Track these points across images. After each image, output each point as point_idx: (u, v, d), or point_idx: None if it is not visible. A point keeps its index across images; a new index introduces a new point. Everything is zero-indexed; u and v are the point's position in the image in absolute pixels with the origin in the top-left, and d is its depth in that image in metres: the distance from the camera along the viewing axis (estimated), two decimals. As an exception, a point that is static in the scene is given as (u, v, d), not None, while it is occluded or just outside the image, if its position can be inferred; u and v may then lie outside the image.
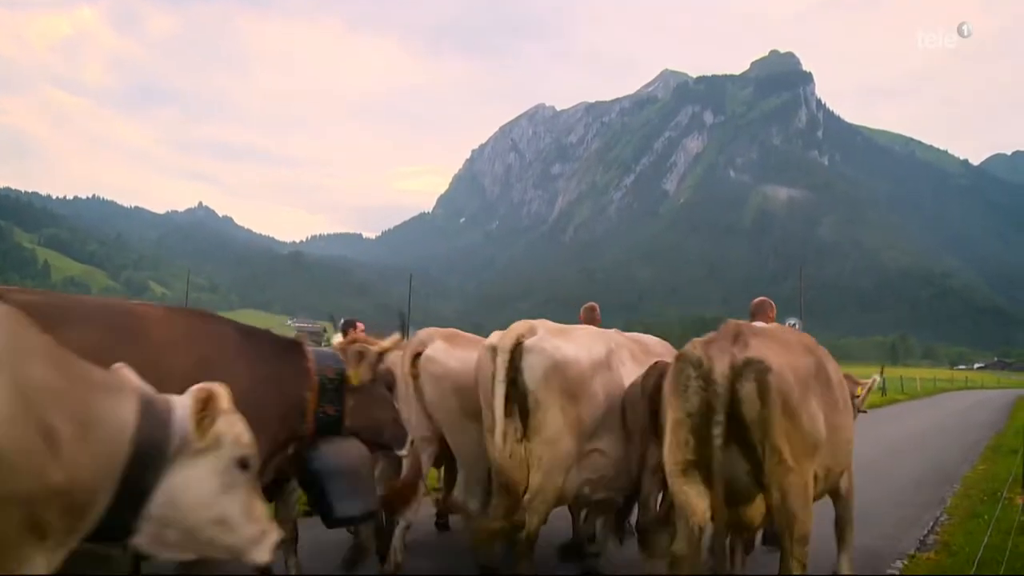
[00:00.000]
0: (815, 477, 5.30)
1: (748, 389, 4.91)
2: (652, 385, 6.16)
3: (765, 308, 9.37)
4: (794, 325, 37.09)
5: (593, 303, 10.64)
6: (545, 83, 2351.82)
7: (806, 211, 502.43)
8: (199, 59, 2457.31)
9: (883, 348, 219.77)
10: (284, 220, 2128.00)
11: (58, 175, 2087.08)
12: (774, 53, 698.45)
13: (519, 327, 6.40)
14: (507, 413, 6.00)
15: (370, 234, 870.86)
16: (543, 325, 6.55)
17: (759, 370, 4.94)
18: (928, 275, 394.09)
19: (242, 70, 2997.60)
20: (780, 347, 5.29)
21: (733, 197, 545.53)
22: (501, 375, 5.90)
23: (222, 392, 2.99)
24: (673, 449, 5.10)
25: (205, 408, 2.90)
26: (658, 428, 5.76)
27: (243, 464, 3.03)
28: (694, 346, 5.20)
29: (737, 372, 4.95)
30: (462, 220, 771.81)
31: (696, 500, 4.99)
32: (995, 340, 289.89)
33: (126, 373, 2.96)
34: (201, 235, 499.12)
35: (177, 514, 2.86)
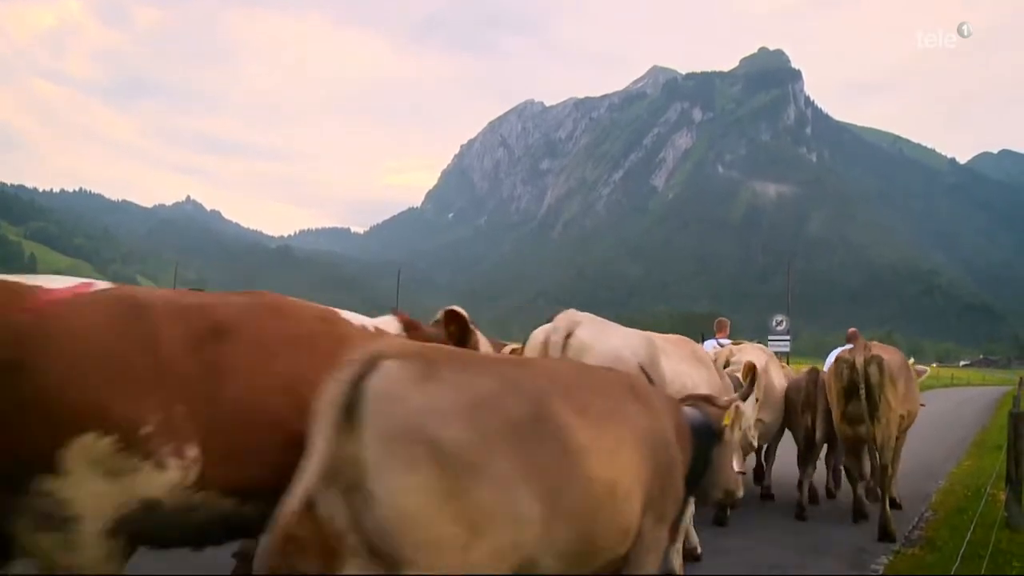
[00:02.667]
0: (900, 416, 9.75)
1: (873, 370, 9.27)
2: (811, 382, 10.81)
3: (723, 326, 13.05)
4: (782, 322, 37.36)
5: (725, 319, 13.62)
6: (534, 79, 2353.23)
7: (795, 207, 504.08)
8: (186, 51, 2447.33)
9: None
10: (272, 214, 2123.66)
11: (44, 168, 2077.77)
12: (763, 50, 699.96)
13: (565, 321, 6.63)
14: None
15: (359, 229, 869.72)
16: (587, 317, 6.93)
17: (878, 361, 9.32)
18: (915, 272, 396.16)
19: (230, 63, 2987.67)
20: (885, 350, 9.75)
21: (722, 193, 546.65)
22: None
23: None
24: (836, 405, 9.86)
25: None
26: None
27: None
28: (845, 352, 9.85)
29: (867, 362, 9.31)
30: (451, 215, 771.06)
31: (848, 428, 9.76)
32: (981, 337, 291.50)
33: None
34: (189, 229, 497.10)
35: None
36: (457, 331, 4.98)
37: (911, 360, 10.83)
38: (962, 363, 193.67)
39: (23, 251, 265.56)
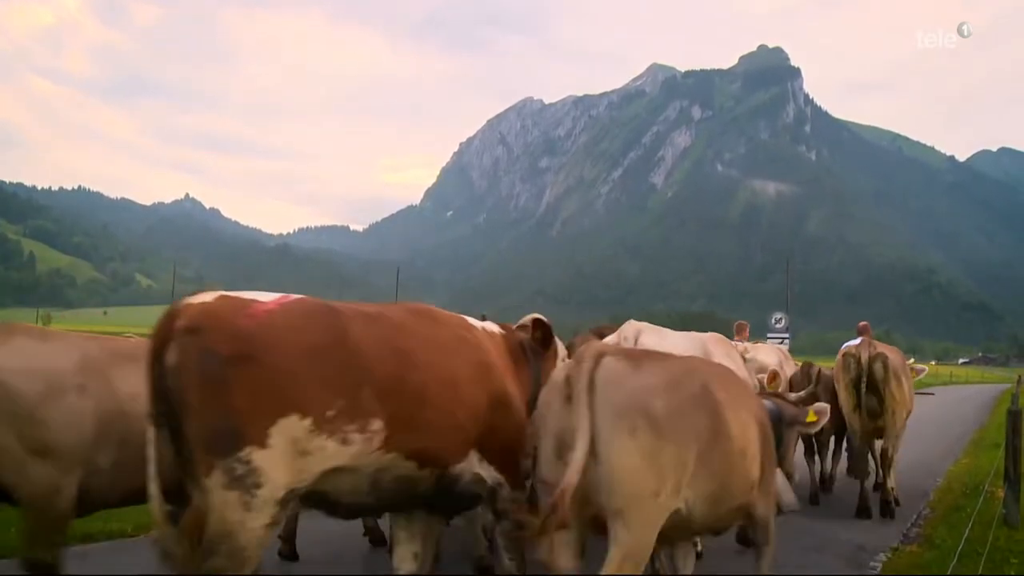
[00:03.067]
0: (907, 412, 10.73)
1: (878, 366, 10.10)
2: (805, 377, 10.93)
3: (742, 329, 13.28)
4: (780, 320, 37.37)
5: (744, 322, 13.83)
6: (533, 77, 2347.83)
7: (793, 206, 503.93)
8: (185, 50, 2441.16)
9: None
10: (271, 212, 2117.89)
11: (43, 166, 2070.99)
12: (762, 48, 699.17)
13: (632, 330, 7.82)
14: None
15: (357, 227, 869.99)
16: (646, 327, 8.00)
17: (883, 358, 10.16)
18: (913, 270, 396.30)
19: (228, 61, 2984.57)
20: (889, 349, 10.68)
21: (721, 191, 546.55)
22: None
23: None
24: (845, 398, 10.40)
25: None
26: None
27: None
28: (851, 348, 10.52)
29: (872, 358, 10.13)
30: (449, 213, 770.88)
31: (856, 419, 10.40)
32: (979, 336, 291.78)
33: None
34: (188, 227, 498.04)
35: None
36: (541, 336, 5.84)
37: (910, 359, 11.93)
38: (961, 361, 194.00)
39: (22, 249, 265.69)
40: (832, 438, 12.13)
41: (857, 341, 10.87)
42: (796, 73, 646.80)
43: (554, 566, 4.55)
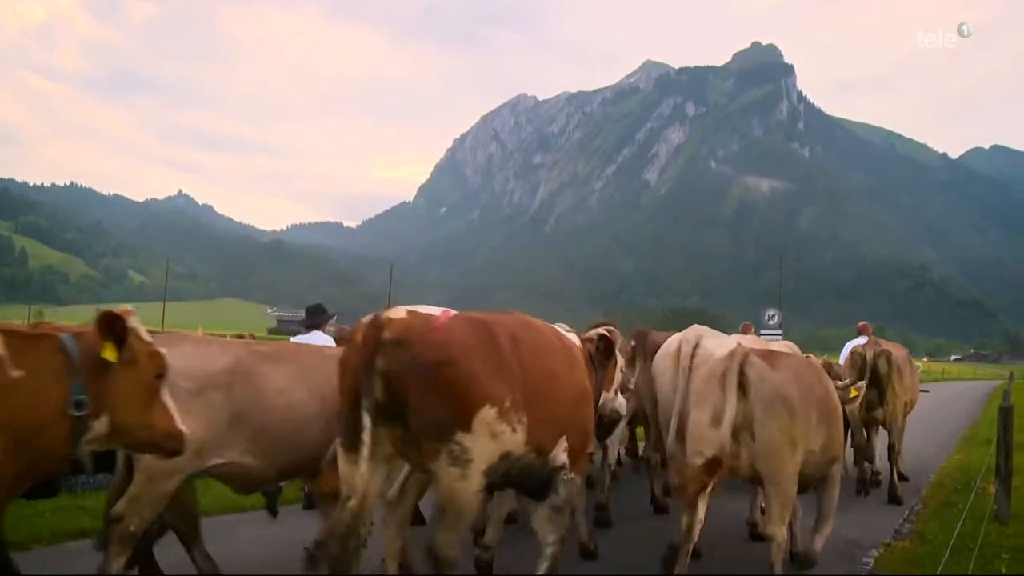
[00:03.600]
0: (905, 403, 11.94)
1: (882, 362, 11.21)
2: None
3: (748, 328, 14.00)
4: (773, 316, 37.42)
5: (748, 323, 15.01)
6: (527, 73, 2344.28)
7: (786, 203, 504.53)
8: (178, 46, 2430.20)
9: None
10: (264, 209, 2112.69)
11: (34, 162, 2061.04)
12: (756, 45, 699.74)
13: (693, 334, 8.02)
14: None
15: (351, 223, 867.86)
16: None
17: (887, 355, 11.30)
18: (906, 267, 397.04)
19: (221, 58, 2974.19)
20: (892, 346, 12.05)
21: (714, 188, 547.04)
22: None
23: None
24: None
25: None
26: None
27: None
28: (859, 347, 11.56)
29: (876, 355, 11.22)
30: (443, 210, 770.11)
31: (864, 413, 11.47)
32: (971, 332, 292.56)
33: None
34: (181, 223, 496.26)
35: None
36: (605, 348, 6.91)
37: (926, 358, 12.99)
38: (953, 358, 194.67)
39: (14, 245, 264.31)
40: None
41: (863, 340, 12.46)
42: (789, 70, 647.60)
43: (694, 513, 6.51)
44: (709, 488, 6.45)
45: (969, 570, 6.61)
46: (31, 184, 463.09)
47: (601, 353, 6.80)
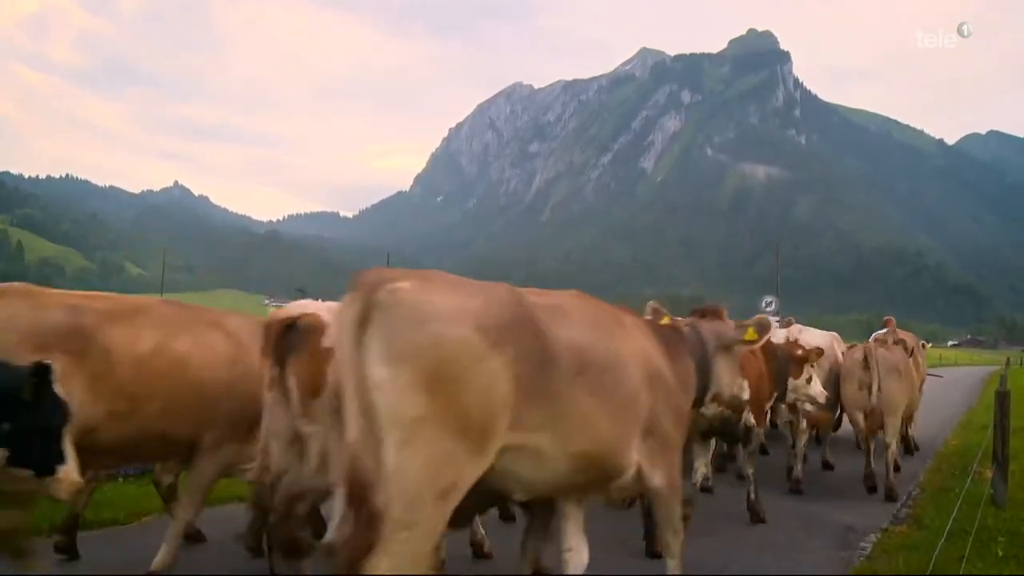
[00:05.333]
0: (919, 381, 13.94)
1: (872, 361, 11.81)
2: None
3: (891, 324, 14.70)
4: (771, 304, 37.51)
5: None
6: (522, 61, 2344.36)
7: (783, 190, 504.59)
8: (171, 37, 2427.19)
9: (858, 326, 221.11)
10: (260, 199, 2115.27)
11: (30, 155, 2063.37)
12: (752, 32, 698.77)
13: (795, 329, 12.68)
14: None
15: (347, 213, 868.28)
16: None
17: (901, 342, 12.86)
18: (902, 254, 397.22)
19: (216, 49, 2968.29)
20: (906, 335, 13.69)
21: (710, 176, 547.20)
22: None
23: None
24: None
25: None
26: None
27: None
28: (865, 344, 12.00)
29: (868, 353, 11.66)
30: (439, 199, 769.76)
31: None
32: (967, 318, 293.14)
33: None
34: (177, 215, 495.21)
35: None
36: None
37: (929, 344, 14.47)
38: (950, 344, 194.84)
39: (10, 238, 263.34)
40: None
41: (884, 331, 14.18)
42: (786, 57, 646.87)
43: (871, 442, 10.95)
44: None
45: (965, 554, 6.62)
46: (26, 176, 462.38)
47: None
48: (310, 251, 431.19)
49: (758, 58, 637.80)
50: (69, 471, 4.34)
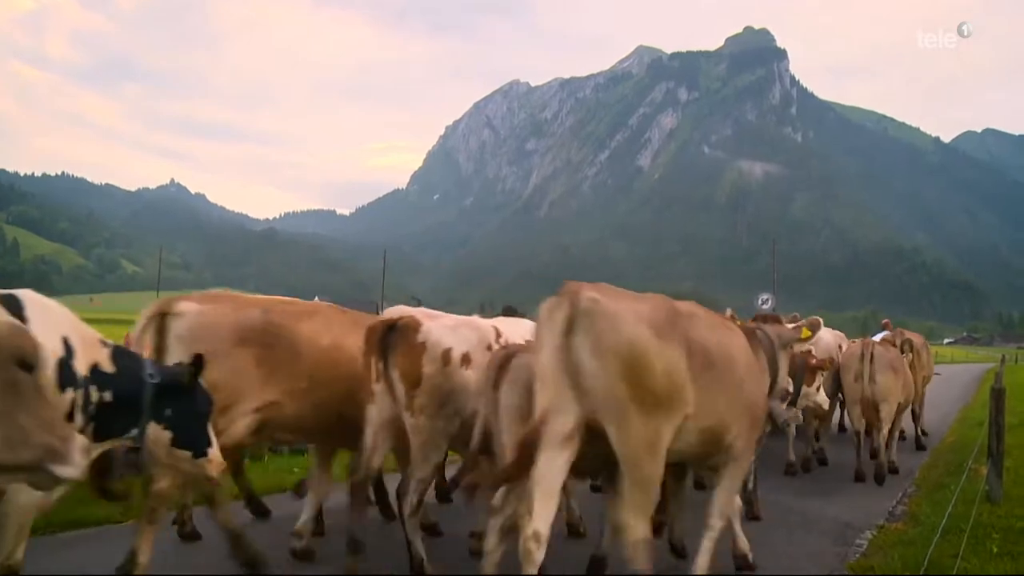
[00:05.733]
0: (924, 377, 14.94)
1: (906, 348, 13.50)
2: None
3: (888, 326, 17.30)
4: (767, 301, 37.53)
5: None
6: (519, 59, 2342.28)
7: (779, 187, 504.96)
8: (168, 34, 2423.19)
9: (855, 323, 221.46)
10: (257, 197, 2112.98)
11: (25, 152, 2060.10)
12: (748, 30, 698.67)
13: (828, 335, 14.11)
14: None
15: (344, 211, 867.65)
16: None
17: (909, 341, 13.84)
18: (899, 251, 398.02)
19: (212, 45, 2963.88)
20: (912, 335, 14.68)
21: (707, 173, 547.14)
22: None
23: None
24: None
25: None
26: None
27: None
28: (863, 340, 12.87)
29: (902, 343, 13.38)
30: (436, 197, 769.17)
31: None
32: (963, 315, 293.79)
33: None
34: (174, 212, 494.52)
35: None
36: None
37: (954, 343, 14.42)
38: (946, 341, 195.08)
39: (6, 236, 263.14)
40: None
41: (887, 333, 15.22)
42: (782, 55, 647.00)
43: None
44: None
45: (961, 550, 6.64)
46: (22, 174, 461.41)
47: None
48: (307, 248, 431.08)
49: (755, 56, 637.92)
50: (216, 453, 4.91)
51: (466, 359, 6.35)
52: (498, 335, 6.77)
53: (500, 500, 5.66)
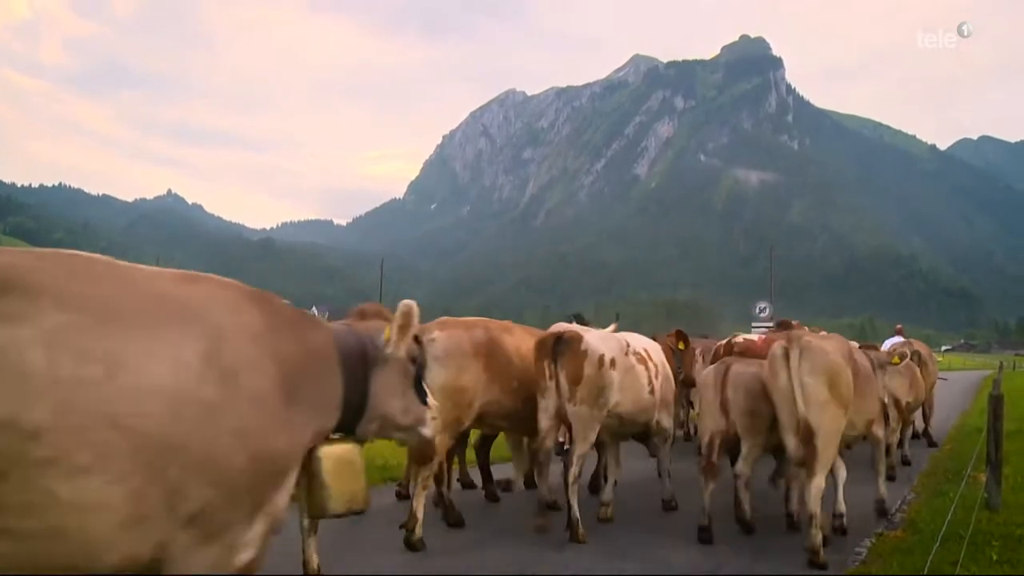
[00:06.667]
0: (931, 384, 15.67)
1: (915, 358, 13.05)
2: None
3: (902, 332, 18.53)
4: (764, 309, 37.51)
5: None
6: (515, 68, 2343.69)
7: (776, 195, 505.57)
8: (163, 41, 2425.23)
9: (852, 330, 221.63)
10: (254, 207, 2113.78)
11: (21, 162, 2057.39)
12: (744, 38, 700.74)
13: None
14: None
15: (341, 220, 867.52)
16: None
17: (917, 352, 13.49)
18: (896, 257, 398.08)
19: (208, 52, 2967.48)
20: (919, 345, 15.59)
21: (704, 181, 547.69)
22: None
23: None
24: None
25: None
26: None
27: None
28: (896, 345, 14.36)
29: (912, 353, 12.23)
30: (433, 206, 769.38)
31: None
32: (960, 321, 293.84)
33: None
34: (171, 222, 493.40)
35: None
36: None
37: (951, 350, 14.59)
38: (943, 348, 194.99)
39: (2, 246, 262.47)
40: None
41: (899, 340, 16.32)
42: (778, 63, 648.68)
43: None
44: None
45: (960, 558, 6.62)
46: (19, 185, 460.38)
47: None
48: (305, 258, 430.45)
49: (751, 64, 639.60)
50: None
51: (612, 362, 8.32)
52: (628, 345, 8.83)
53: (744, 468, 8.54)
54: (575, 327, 9.00)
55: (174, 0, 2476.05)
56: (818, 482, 7.49)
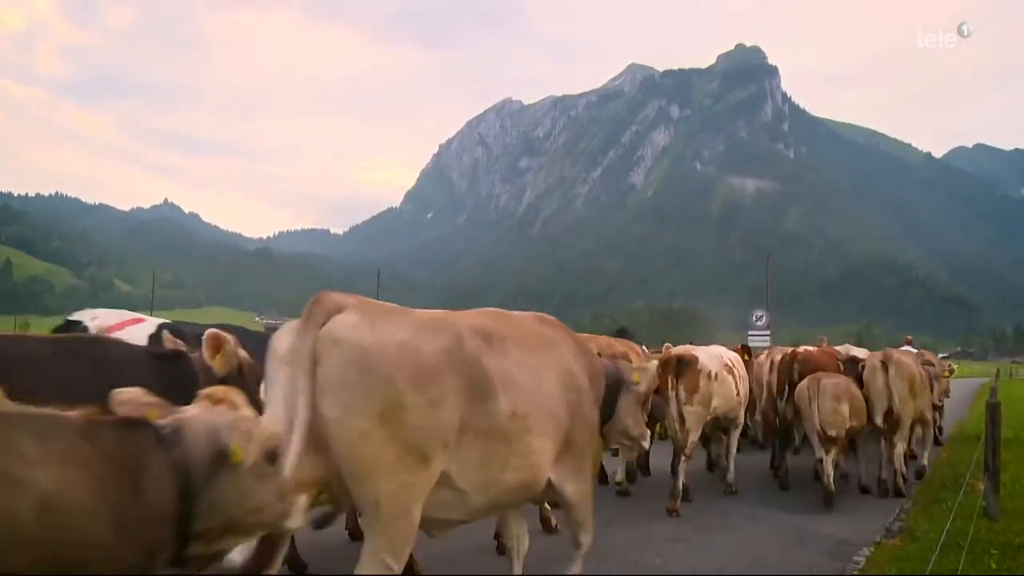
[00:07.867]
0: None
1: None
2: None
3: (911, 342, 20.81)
4: (761, 318, 37.55)
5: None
6: (512, 77, 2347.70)
7: (772, 203, 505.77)
8: (159, 50, 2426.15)
9: (849, 337, 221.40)
10: (251, 216, 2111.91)
11: (18, 172, 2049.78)
12: (740, 47, 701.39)
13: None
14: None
15: (338, 230, 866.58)
16: None
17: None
18: (892, 265, 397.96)
19: (204, 61, 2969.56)
20: (906, 355, 13.64)
21: (700, 190, 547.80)
22: None
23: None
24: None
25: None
26: None
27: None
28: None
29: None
30: (430, 215, 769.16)
31: None
32: (957, 329, 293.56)
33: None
34: (167, 232, 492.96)
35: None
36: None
37: (948, 357, 13.94)
38: (941, 356, 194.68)
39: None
40: None
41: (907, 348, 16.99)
42: (774, 72, 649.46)
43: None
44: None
45: (959, 567, 6.65)
46: (15, 195, 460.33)
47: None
48: (301, 268, 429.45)
49: (746, 73, 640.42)
50: None
51: (717, 376, 10.83)
52: (722, 358, 11.35)
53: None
54: (690, 348, 11.43)
55: (170, 9, 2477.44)
56: (900, 448, 11.54)
